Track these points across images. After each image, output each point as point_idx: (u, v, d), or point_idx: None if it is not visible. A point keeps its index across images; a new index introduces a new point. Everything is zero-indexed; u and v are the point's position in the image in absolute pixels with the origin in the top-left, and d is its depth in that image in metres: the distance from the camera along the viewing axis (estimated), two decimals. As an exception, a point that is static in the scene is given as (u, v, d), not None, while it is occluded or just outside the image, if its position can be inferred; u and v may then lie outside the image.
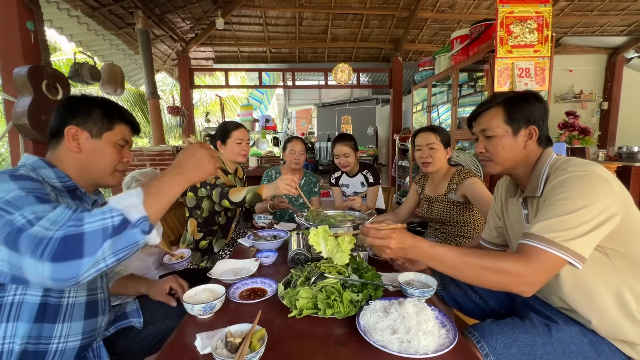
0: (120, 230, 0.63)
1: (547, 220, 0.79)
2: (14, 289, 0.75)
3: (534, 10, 2.42)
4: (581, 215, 0.77)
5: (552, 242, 0.76)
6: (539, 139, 0.97)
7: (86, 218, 0.63)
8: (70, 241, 0.60)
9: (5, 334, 0.75)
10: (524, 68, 2.46)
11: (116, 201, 0.66)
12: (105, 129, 0.92)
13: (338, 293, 0.91)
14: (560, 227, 0.77)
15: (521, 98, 0.98)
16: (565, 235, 0.76)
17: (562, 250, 0.75)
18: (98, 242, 0.61)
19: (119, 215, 0.64)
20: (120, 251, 0.63)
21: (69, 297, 0.84)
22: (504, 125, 0.98)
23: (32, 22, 2.32)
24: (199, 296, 0.98)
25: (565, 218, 0.77)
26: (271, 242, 1.48)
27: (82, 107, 0.91)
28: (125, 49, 4.95)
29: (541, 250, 0.77)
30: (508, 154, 0.98)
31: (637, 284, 0.85)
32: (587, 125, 4.00)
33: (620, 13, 5.40)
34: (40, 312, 0.78)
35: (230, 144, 1.82)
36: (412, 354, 0.70)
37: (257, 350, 0.69)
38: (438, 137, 1.70)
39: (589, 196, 0.78)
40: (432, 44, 6.27)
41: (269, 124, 5.91)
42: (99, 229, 0.62)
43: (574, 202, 0.78)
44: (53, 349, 0.81)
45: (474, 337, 0.89)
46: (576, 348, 0.85)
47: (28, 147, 2.31)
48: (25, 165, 0.83)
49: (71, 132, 0.88)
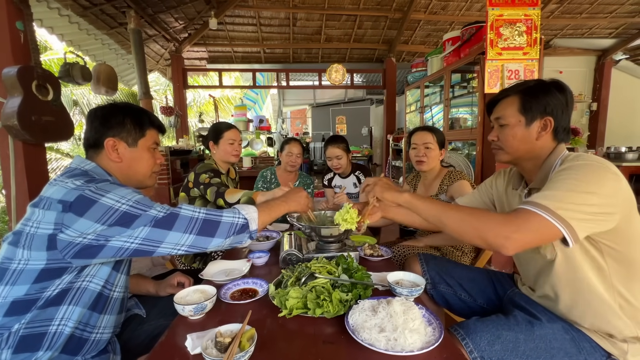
0: (242, 230, 0.90)
1: (549, 191, 0.78)
2: (86, 275, 0.85)
3: (523, 13, 2.46)
4: (586, 198, 0.75)
5: (548, 209, 0.74)
6: (555, 131, 0.93)
7: (224, 212, 0.89)
8: (210, 223, 0.86)
9: (63, 315, 0.83)
10: (513, 70, 2.50)
11: (241, 208, 0.94)
12: (139, 136, 1.00)
13: (328, 293, 0.93)
14: (561, 199, 0.74)
15: (540, 87, 0.95)
16: (565, 208, 0.73)
17: (557, 218, 0.73)
18: (226, 231, 0.87)
19: (243, 219, 0.91)
20: (234, 244, 0.91)
21: (115, 291, 0.94)
22: (517, 114, 0.95)
23: (21, 21, 2.29)
24: (190, 297, 0.99)
25: (569, 194, 0.75)
26: (263, 243, 1.49)
27: (114, 117, 0.97)
28: (117, 49, 4.91)
29: (534, 212, 0.75)
30: (519, 144, 0.96)
31: (626, 285, 0.85)
32: (577, 125, 4.07)
33: (608, 16, 5.50)
34: (96, 300, 0.88)
35: (223, 144, 1.83)
36: (399, 352, 0.71)
37: (247, 349, 0.70)
38: (434, 137, 1.73)
39: (597, 184, 0.76)
40: (425, 45, 6.31)
41: (263, 124, 5.91)
42: (230, 222, 0.88)
43: (581, 185, 0.76)
44: (92, 337, 0.89)
45: (459, 335, 0.91)
46: (558, 344, 0.87)
47: (17, 148, 2.28)
48: (91, 171, 0.92)
49: (110, 144, 0.95)
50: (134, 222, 0.79)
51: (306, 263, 1.14)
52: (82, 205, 0.77)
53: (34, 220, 0.79)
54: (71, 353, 0.86)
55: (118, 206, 0.79)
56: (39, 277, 0.79)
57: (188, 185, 1.79)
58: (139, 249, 0.80)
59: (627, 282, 0.85)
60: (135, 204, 0.81)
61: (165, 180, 3.89)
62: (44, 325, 0.81)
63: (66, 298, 0.83)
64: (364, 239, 1.58)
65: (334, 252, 1.27)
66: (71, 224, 0.77)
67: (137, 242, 0.79)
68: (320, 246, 1.33)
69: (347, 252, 1.24)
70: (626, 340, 0.85)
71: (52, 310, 0.82)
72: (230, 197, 1.59)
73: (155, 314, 1.14)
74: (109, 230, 0.77)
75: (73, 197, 0.78)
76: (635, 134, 5.98)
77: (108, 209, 0.78)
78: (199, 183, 1.71)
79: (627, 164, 3.68)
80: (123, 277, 0.97)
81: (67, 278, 0.82)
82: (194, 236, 0.83)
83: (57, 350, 0.82)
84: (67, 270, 0.82)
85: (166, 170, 3.90)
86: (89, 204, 0.78)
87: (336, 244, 1.33)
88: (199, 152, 4.92)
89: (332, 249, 1.31)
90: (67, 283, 0.82)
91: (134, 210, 0.80)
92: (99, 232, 0.77)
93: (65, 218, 0.77)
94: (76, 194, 0.78)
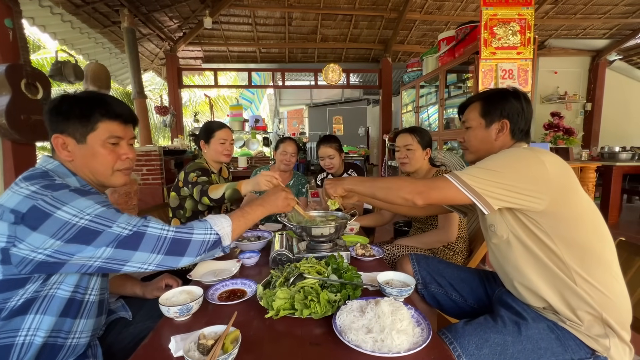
0: (213, 247, 0.87)
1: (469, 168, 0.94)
2: (53, 283, 0.79)
3: (516, 13, 2.47)
4: (498, 174, 0.88)
5: (459, 178, 0.91)
6: (512, 132, 1.05)
7: (194, 229, 0.85)
8: (179, 243, 0.82)
9: (30, 326, 0.78)
10: (507, 69, 2.50)
11: (214, 222, 0.89)
12: (87, 130, 0.85)
13: (316, 293, 0.91)
14: (474, 173, 0.90)
15: (498, 95, 1.07)
16: (474, 178, 0.89)
17: (464, 185, 0.89)
18: (197, 249, 0.84)
19: (215, 235, 0.87)
20: (206, 258, 0.88)
21: (90, 295, 0.88)
22: (479, 117, 1.09)
23: (10, 19, 2.26)
24: (176, 298, 0.97)
25: (482, 170, 0.90)
26: (254, 243, 1.47)
27: (59, 111, 0.84)
28: (111, 48, 4.87)
29: (446, 178, 0.93)
30: (480, 144, 1.09)
31: (584, 269, 0.88)
32: (572, 125, 4.09)
33: (602, 17, 5.54)
34: (67, 307, 0.83)
35: (214, 143, 1.80)
36: (385, 353, 0.70)
37: (230, 352, 0.69)
38: (415, 139, 1.73)
39: (514, 166, 0.89)
40: (420, 45, 6.33)
41: (258, 124, 5.89)
42: (200, 240, 0.84)
43: (497, 164, 0.90)
44: (68, 343, 0.84)
45: (446, 339, 0.90)
46: (545, 344, 0.87)
47: (6, 147, 2.25)
48: (53, 171, 0.84)
49: (59, 142, 0.84)
50: (95, 240, 0.73)
51: (295, 263, 1.12)
52: (35, 218, 0.70)
53: None
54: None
55: (75, 221, 0.72)
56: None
57: (178, 185, 1.77)
58: (103, 267, 0.75)
59: (584, 266, 0.88)
60: (95, 219, 0.73)
61: (158, 180, 3.87)
62: (10, 337, 0.76)
63: (32, 307, 0.78)
64: (356, 239, 1.57)
65: (325, 252, 1.26)
66: (24, 237, 0.70)
67: (101, 261, 0.74)
68: (312, 246, 1.32)
69: (338, 252, 1.22)
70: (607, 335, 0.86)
71: (18, 320, 0.76)
72: (213, 194, 1.55)
73: (142, 315, 1.11)
74: (66, 247, 0.71)
75: (26, 208, 0.70)
76: (628, 134, 6.03)
77: (64, 224, 0.71)
78: (187, 182, 1.69)
79: (620, 163, 3.70)
80: (98, 279, 0.91)
81: (32, 287, 0.77)
82: (162, 256, 0.79)
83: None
84: (30, 280, 0.76)
85: (159, 170, 3.87)
86: (43, 217, 0.70)
87: (327, 243, 1.31)
88: (193, 152, 4.89)
89: (324, 248, 1.29)
90: (32, 292, 0.77)
91: (93, 226, 0.73)
92: (55, 247, 0.70)
93: (17, 230, 0.70)
94: (29, 204, 0.71)
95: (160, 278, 1.21)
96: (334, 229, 1.27)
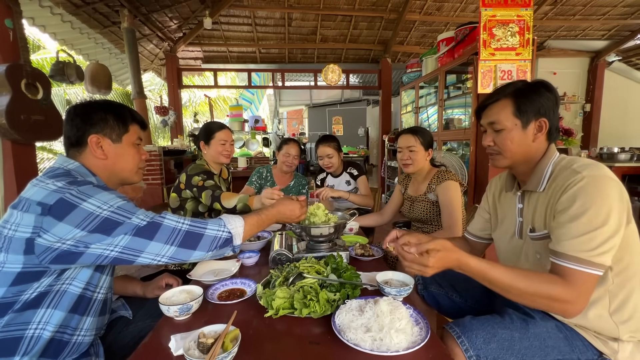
0: (225, 245, 0.89)
1: (577, 238, 0.79)
2: (66, 278, 0.83)
3: (515, 14, 2.47)
4: (606, 229, 0.77)
5: (588, 262, 0.77)
6: (549, 132, 0.93)
7: (208, 224, 0.88)
8: (192, 236, 0.85)
9: (41, 319, 0.80)
10: (506, 70, 2.51)
11: (228, 220, 0.92)
12: (123, 132, 0.98)
13: (315, 293, 0.92)
14: (590, 245, 0.77)
15: (531, 88, 0.93)
16: (598, 251, 0.76)
17: (595, 267, 0.76)
18: (209, 244, 0.86)
19: (228, 233, 0.90)
20: (216, 256, 0.90)
21: (99, 293, 0.92)
22: (513, 118, 0.93)
23: (10, 19, 2.27)
24: (176, 297, 0.97)
25: (592, 235, 0.77)
26: (254, 243, 1.47)
27: (96, 114, 0.95)
28: (111, 48, 4.88)
29: (579, 271, 0.77)
30: (517, 148, 0.95)
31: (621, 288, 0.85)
32: (571, 126, 4.10)
33: (601, 18, 5.56)
34: (77, 303, 0.86)
35: (214, 144, 1.81)
36: (384, 352, 0.70)
37: (230, 350, 0.69)
38: (418, 140, 1.73)
39: (608, 203, 0.78)
40: (420, 46, 6.34)
41: (258, 124, 5.90)
42: (213, 235, 0.87)
43: (597, 216, 0.77)
44: (74, 340, 0.87)
45: (454, 333, 0.89)
46: (552, 343, 0.87)
47: (6, 147, 2.25)
48: (75, 171, 0.90)
49: (94, 141, 0.93)
50: (115, 229, 0.77)
51: (295, 263, 1.13)
52: (62, 209, 0.75)
53: (12, 223, 0.76)
54: (50, 357, 0.82)
55: (99, 212, 0.77)
56: (16, 280, 0.77)
57: (179, 187, 1.77)
58: (118, 257, 0.78)
59: (622, 286, 0.85)
60: (117, 210, 0.79)
61: (158, 180, 3.87)
62: (20, 329, 0.78)
63: (44, 301, 0.80)
64: (356, 239, 1.58)
65: (324, 252, 1.26)
66: (50, 228, 0.74)
67: (117, 251, 0.78)
68: (311, 246, 1.32)
69: (337, 251, 1.23)
70: (617, 339, 0.85)
71: (30, 313, 0.79)
72: (226, 202, 1.58)
73: (142, 315, 1.12)
74: (88, 237, 0.75)
75: (53, 200, 0.75)
76: (627, 134, 6.05)
77: (89, 215, 0.76)
78: (191, 185, 1.69)
79: (619, 164, 3.71)
80: (107, 278, 0.94)
81: (46, 281, 0.80)
82: (175, 248, 0.82)
83: (34, 355, 0.79)
84: (45, 274, 0.79)
85: (159, 171, 3.87)
86: (69, 208, 0.75)
87: (327, 243, 1.32)
88: (193, 152, 4.90)
89: (323, 248, 1.30)
90: (46, 286, 0.80)
91: (115, 217, 0.78)
92: (78, 238, 0.75)
93: (44, 221, 0.74)
94: (56, 197, 0.76)
95: (160, 277, 1.22)
96: (333, 229, 1.28)
